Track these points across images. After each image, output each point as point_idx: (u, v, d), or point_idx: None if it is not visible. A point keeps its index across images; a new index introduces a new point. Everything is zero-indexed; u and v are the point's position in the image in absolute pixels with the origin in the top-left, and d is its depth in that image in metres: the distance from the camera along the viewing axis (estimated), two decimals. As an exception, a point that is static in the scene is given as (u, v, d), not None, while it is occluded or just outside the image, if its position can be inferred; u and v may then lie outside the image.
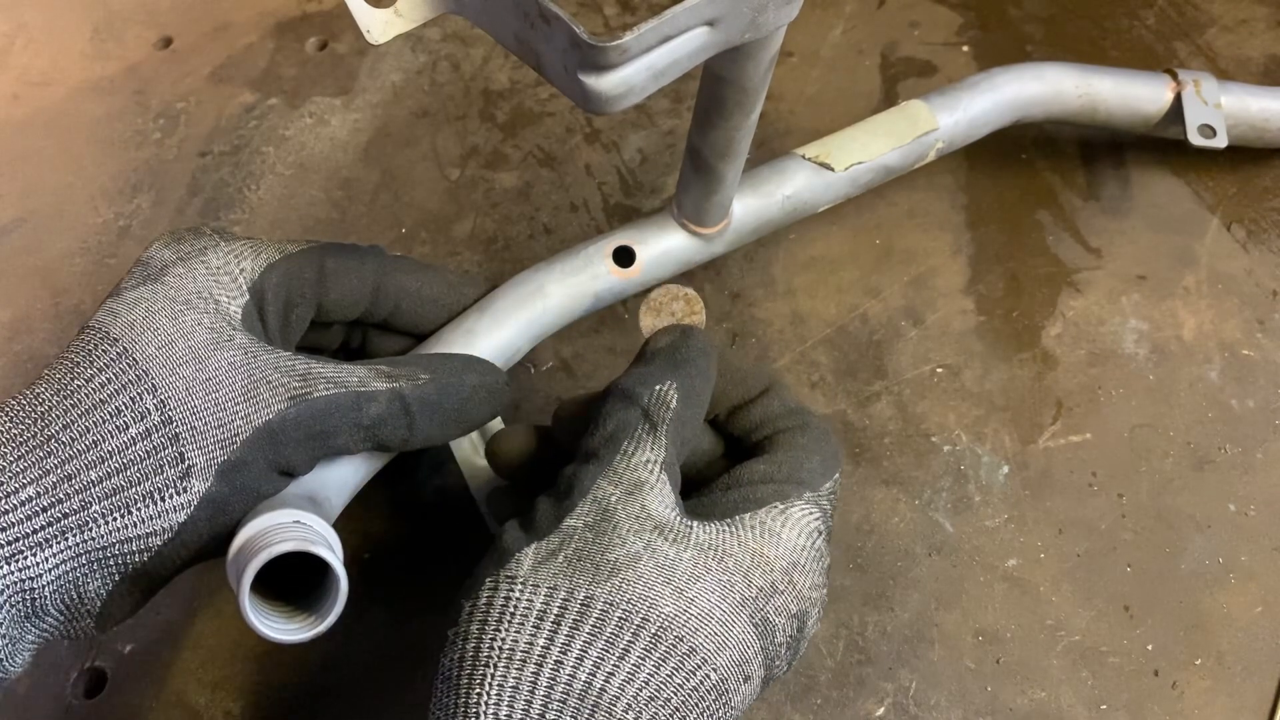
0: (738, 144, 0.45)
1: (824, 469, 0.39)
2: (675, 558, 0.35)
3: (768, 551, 0.36)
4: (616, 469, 0.37)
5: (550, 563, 0.34)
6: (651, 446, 0.37)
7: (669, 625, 0.33)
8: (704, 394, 0.40)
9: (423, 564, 0.51)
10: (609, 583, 0.34)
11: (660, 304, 0.43)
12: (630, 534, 0.35)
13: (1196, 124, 0.56)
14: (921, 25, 0.70)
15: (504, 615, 0.34)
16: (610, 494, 0.36)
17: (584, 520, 0.35)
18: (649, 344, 0.42)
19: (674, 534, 0.35)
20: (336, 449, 0.40)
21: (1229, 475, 0.51)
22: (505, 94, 0.69)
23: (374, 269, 0.45)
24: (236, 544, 0.36)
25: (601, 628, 0.33)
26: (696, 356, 0.40)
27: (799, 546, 0.37)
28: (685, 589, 0.34)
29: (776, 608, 0.36)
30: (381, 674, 0.48)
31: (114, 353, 0.37)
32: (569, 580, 0.34)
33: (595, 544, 0.35)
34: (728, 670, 0.34)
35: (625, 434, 0.37)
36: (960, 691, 0.46)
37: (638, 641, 0.33)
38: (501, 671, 0.32)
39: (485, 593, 0.35)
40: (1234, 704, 0.45)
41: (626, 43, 0.30)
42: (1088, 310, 0.56)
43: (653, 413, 0.38)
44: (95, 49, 0.75)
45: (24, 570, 0.34)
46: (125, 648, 0.50)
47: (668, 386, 0.38)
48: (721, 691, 0.34)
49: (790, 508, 0.37)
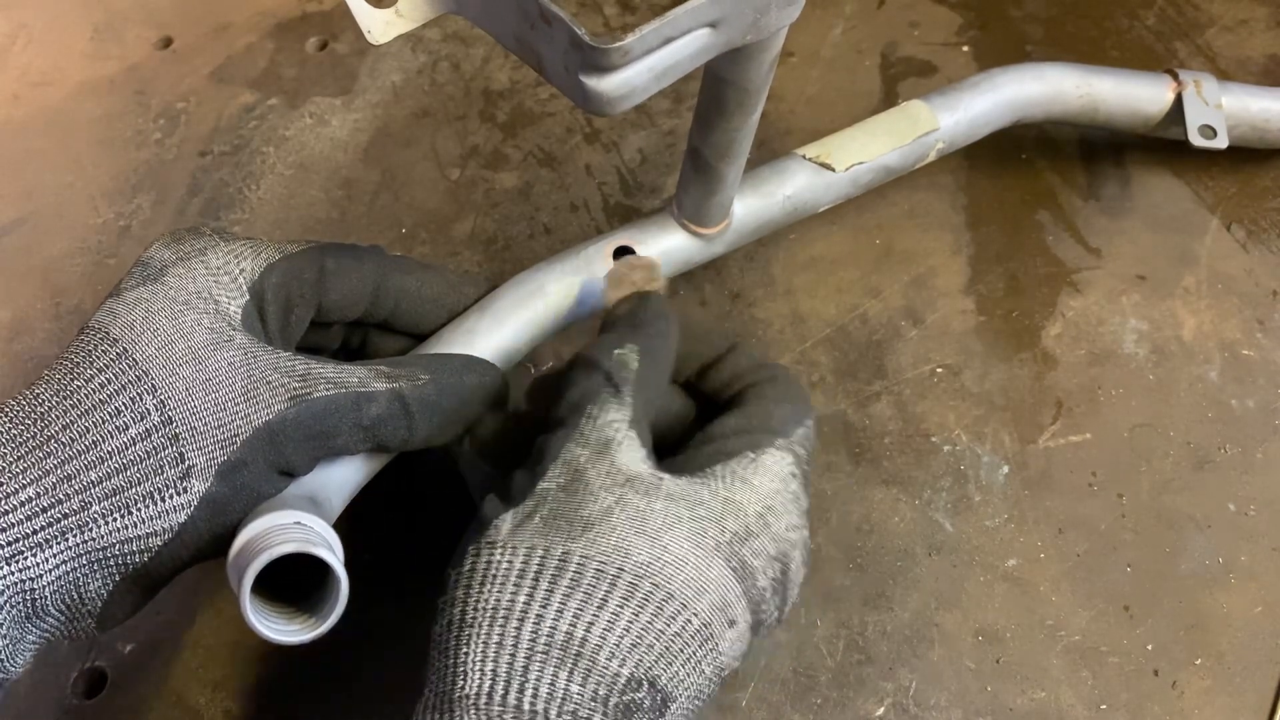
0: (738, 144, 0.45)
1: (795, 415, 0.40)
2: (647, 508, 0.36)
3: (739, 497, 0.37)
4: (583, 431, 0.37)
5: (527, 525, 0.35)
6: (616, 407, 0.38)
7: (644, 573, 0.34)
8: (665, 354, 0.41)
9: (423, 563, 0.51)
10: (584, 537, 0.35)
11: (621, 275, 0.44)
12: (601, 490, 0.36)
13: (1197, 124, 0.56)
14: (921, 25, 0.70)
15: (486, 578, 0.35)
16: (579, 455, 0.37)
17: (556, 482, 0.36)
18: (609, 314, 0.43)
19: (645, 486, 0.36)
20: (336, 449, 0.40)
21: (1229, 475, 0.51)
22: (505, 94, 0.69)
23: (374, 269, 0.45)
24: (237, 545, 0.36)
25: (579, 580, 0.34)
26: (654, 319, 0.41)
27: (772, 490, 0.38)
28: (658, 537, 0.35)
29: (753, 550, 0.36)
30: (382, 673, 0.48)
31: (114, 353, 0.37)
32: (545, 539, 0.35)
33: (568, 503, 0.36)
34: (710, 614, 0.35)
35: (589, 399, 0.38)
36: (960, 691, 0.46)
37: (615, 591, 0.34)
38: (485, 630, 0.33)
39: (469, 560, 0.36)
40: (1234, 704, 0.45)
41: (628, 44, 0.30)
42: (1088, 310, 0.56)
43: (615, 375, 0.39)
44: (95, 49, 0.75)
45: (24, 571, 0.34)
46: (125, 648, 0.49)
47: (628, 350, 0.39)
48: (707, 636, 0.35)
49: (761, 455, 0.38)
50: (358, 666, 0.48)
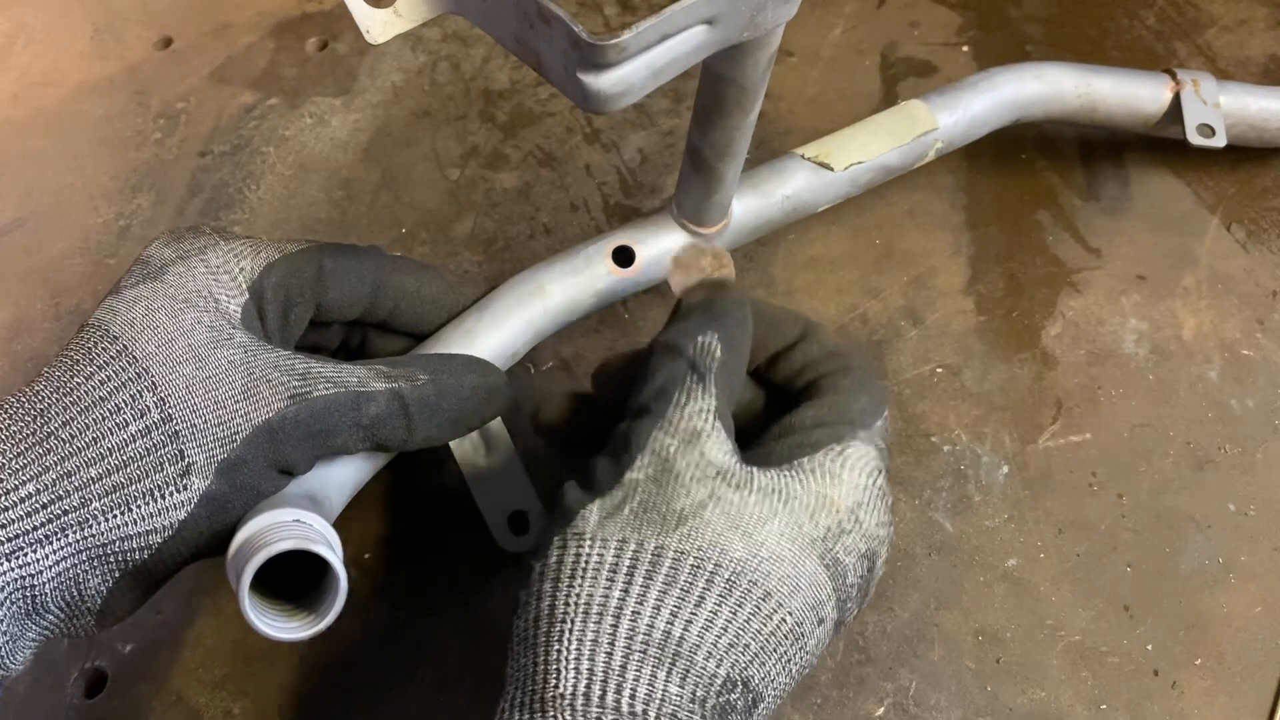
0: (737, 143, 0.45)
1: (872, 407, 0.39)
2: (741, 503, 0.35)
3: (831, 492, 0.36)
4: (671, 420, 0.36)
5: (616, 516, 0.34)
6: (702, 395, 0.37)
7: (742, 570, 0.33)
8: (744, 343, 0.40)
9: (423, 564, 0.51)
10: (677, 531, 0.34)
11: (689, 260, 0.43)
12: (693, 482, 0.35)
13: (1195, 123, 0.56)
14: (921, 25, 0.70)
15: (576, 571, 0.34)
16: (668, 445, 0.36)
17: (645, 473, 0.35)
18: (683, 300, 0.42)
19: (736, 480, 0.35)
20: (336, 448, 0.40)
21: (1229, 475, 0.51)
22: (505, 94, 0.69)
23: (373, 269, 0.45)
24: (236, 542, 0.36)
25: (675, 576, 0.33)
26: (732, 307, 0.40)
27: (861, 485, 0.37)
28: (754, 533, 0.34)
29: (846, 547, 0.36)
30: (382, 672, 0.48)
31: (114, 350, 0.37)
32: (637, 532, 0.34)
33: (659, 495, 0.35)
34: (803, 613, 0.34)
35: (675, 385, 0.37)
36: (960, 691, 0.46)
37: (712, 588, 0.33)
38: (579, 625, 0.32)
39: (555, 552, 0.35)
40: (1234, 704, 0.45)
41: (625, 41, 0.30)
42: (1087, 310, 0.56)
43: (699, 363, 0.37)
44: (95, 49, 0.75)
45: (24, 567, 0.34)
46: (125, 648, 0.49)
47: (710, 337, 0.38)
48: (799, 635, 0.34)
49: (847, 449, 0.37)
50: (357, 664, 0.48)
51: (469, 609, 0.49)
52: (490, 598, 0.49)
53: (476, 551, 0.50)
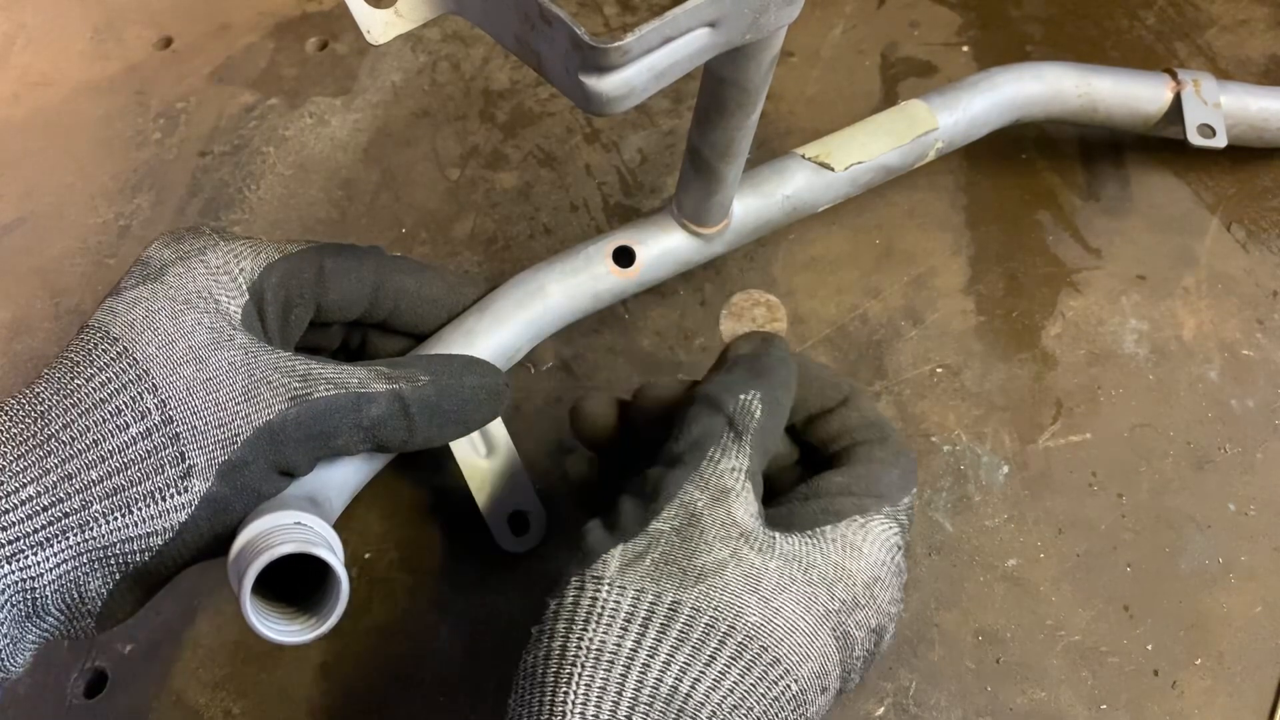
0: (738, 144, 0.45)
1: (902, 483, 0.39)
2: (761, 567, 0.35)
3: (850, 565, 0.36)
4: (703, 474, 0.36)
5: (637, 565, 0.35)
6: (737, 454, 0.37)
7: (755, 634, 0.33)
8: (786, 404, 0.40)
9: (423, 564, 0.51)
10: (696, 588, 0.34)
11: (741, 309, 0.43)
12: (717, 540, 0.35)
13: (1196, 123, 0.56)
14: (921, 25, 0.70)
15: (591, 615, 0.34)
16: (697, 499, 0.36)
17: (671, 524, 0.35)
18: (730, 349, 0.42)
19: (759, 543, 0.35)
20: (336, 450, 0.40)
21: (1229, 475, 0.51)
22: (505, 94, 0.69)
23: (373, 269, 0.45)
24: (237, 545, 0.36)
25: (688, 633, 0.33)
26: (778, 366, 0.40)
27: (880, 561, 0.37)
28: (771, 599, 0.34)
29: (858, 621, 0.36)
30: (382, 673, 0.48)
31: (114, 352, 0.37)
32: (656, 584, 0.34)
33: (682, 549, 0.35)
34: (808, 681, 0.34)
35: (711, 440, 0.37)
36: (960, 691, 0.46)
37: (724, 649, 0.33)
38: (589, 671, 0.32)
39: (572, 592, 0.35)
40: (1234, 704, 0.45)
41: (627, 44, 0.30)
42: (1087, 310, 0.56)
43: (738, 421, 0.38)
44: (95, 49, 0.75)
45: (25, 570, 0.34)
46: (125, 648, 0.49)
47: (752, 396, 0.38)
48: (801, 703, 0.34)
49: (870, 521, 0.37)
50: (357, 664, 0.48)
51: (469, 609, 0.49)
52: (490, 598, 0.49)
53: (476, 551, 0.50)
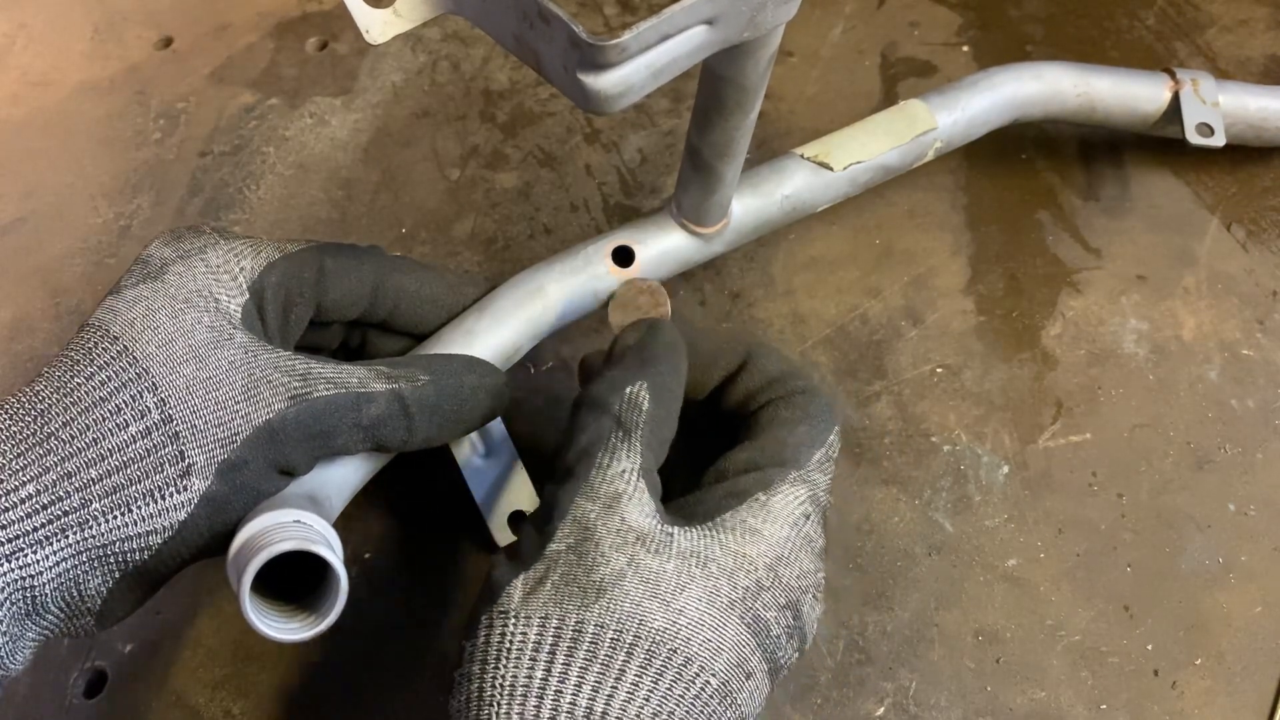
0: (737, 143, 0.45)
1: (810, 438, 0.39)
2: (659, 569, 0.35)
3: (749, 550, 0.36)
4: (593, 484, 0.36)
5: (539, 591, 0.34)
6: (627, 454, 0.37)
7: (661, 639, 0.33)
8: (676, 388, 0.40)
9: (423, 564, 0.51)
10: (597, 605, 0.34)
11: (626, 299, 0.42)
12: (612, 550, 0.35)
13: (1194, 123, 0.56)
14: (921, 25, 0.70)
15: (501, 652, 0.34)
16: (589, 511, 0.36)
17: (565, 543, 0.35)
18: (615, 343, 0.41)
19: (655, 544, 0.35)
20: (336, 449, 0.40)
21: (1229, 475, 0.51)
22: (505, 94, 0.69)
23: (373, 269, 0.45)
24: (237, 543, 0.36)
25: (595, 652, 0.33)
26: (664, 350, 0.40)
27: (782, 539, 0.37)
28: (672, 600, 0.34)
29: (765, 603, 0.36)
30: (382, 672, 0.48)
31: (114, 350, 0.37)
32: (559, 608, 0.34)
33: (579, 565, 0.35)
34: (727, 673, 0.34)
35: (599, 446, 0.37)
36: (960, 691, 0.46)
37: (632, 660, 0.33)
38: (505, 707, 0.32)
39: (482, 631, 0.35)
40: (1234, 704, 0.45)
41: (625, 41, 0.30)
42: (1087, 310, 0.56)
43: (625, 418, 0.37)
44: (95, 49, 0.75)
45: (24, 568, 0.33)
46: (125, 648, 0.49)
47: (638, 388, 0.38)
48: (725, 694, 0.34)
49: (772, 497, 0.37)
50: (357, 664, 0.48)
51: (469, 609, 0.49)
52: (490, 598, 0.49)
53: (477, 552, 0.50)
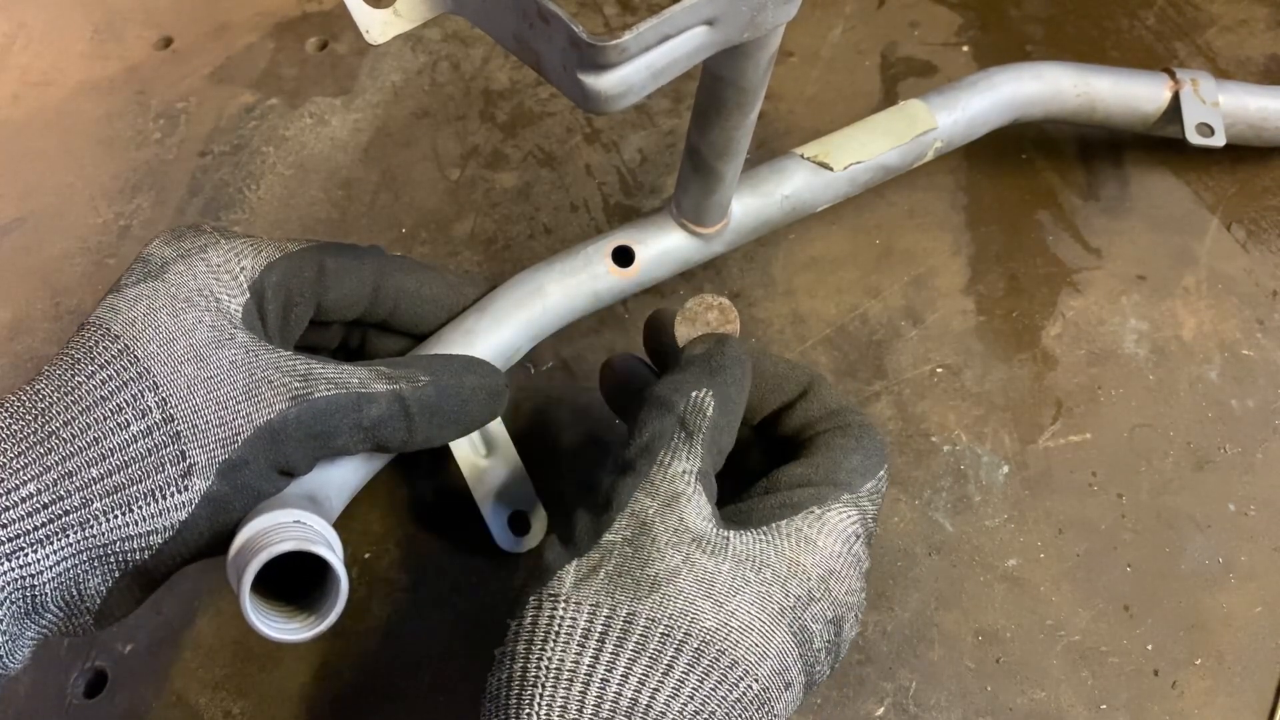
0: (737, 143, 0.45)
1: (864, 468, 0.39)
2: (714, 570, 0.35)
3: (804, 560, 0.36)
4: (653, 480, 0.37)
5: (592, 579, 0.35)
6: (688, 456, 0.37)
7: (711, 639, 0.34)
8: (739, 401, 0.40)
9: (423, 564, 0.51)
10: (650, 598, 0.34)
11: (695, 313, 0.43)
12: (669, 547, 0.35)
13: (1194, 122, 0.56)
14: (921, 25, 0.70)
15: (549, 634, 0.34)
16: (648, 507, 0.36)
17: (622, 535, 0.36)
18: (684, 351, 0.42)
19: (711, 546, 0.35)
20: (337, 449, 0.40)
21: (1229, 475, 0.51)
22: (505, 94, 0.69)
23: (373, 269, 0.45)
24: (237, 543, 0.36)
25: (645, 644, 0.33)
26: (731, 364, 0.40)
27: (835, 553, 0.37)
28: (725, 602, 0.34)
29: (813, 615, 0.36)
30: (382, 673, 0.48)
31: (115, 349, 0.37)
32: (611, 597, 0.34)
33: (635, 559, 0.35)
34: (769, 680, 0.34)
35: (661, 443, 0.37)
36: (960, 691, 0.46)
37: (681, 657, 0.33)
38: (550, 690, 0.32)
39: (530, 612, 0.35)
40: (1234, 704, 0.45)
41: (625, 42, 0.30)
42: (1087, 310, 0.56)
43: (689, 420, 0.38)
44: (95, 49, 0.75)
45: (24, 567, 0.34)
46: (125, 648, 0.49)
47: (704, 393, 0.38)
48: (764, 701, 0.34)
49: (827, 512, 0.37)
50: (357, 664, 0.48)
51: (469, 609, 0.49)
52: (491, 598, 0.49)
53: (477, 552, 0.50)
